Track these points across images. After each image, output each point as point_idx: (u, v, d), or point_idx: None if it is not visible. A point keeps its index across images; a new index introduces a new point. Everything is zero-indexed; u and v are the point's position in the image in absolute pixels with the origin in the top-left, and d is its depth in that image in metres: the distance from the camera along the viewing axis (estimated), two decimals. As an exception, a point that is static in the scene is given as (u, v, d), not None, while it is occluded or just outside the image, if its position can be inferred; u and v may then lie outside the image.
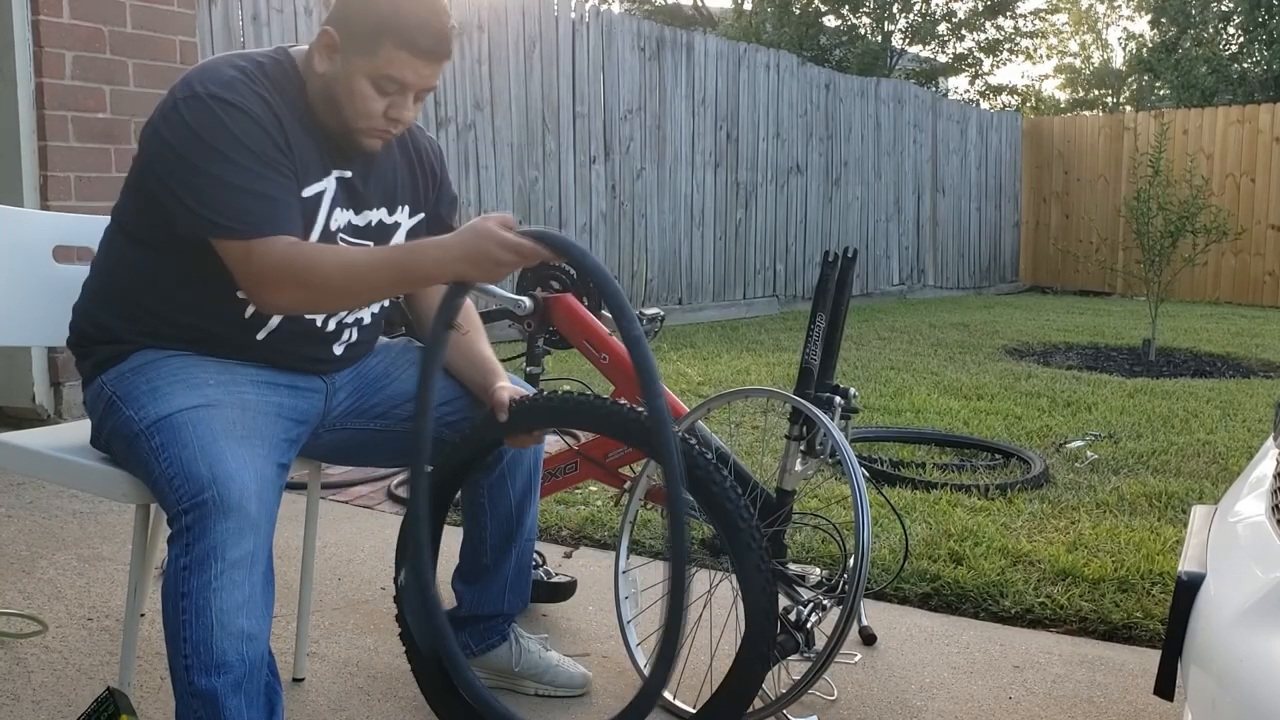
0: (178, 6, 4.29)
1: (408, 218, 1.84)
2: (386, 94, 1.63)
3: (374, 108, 1.63)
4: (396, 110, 1.65)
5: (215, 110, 1.56)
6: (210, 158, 1.55)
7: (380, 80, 1.61)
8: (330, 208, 1.70)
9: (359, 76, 1.61)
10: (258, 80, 1.62)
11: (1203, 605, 1.26)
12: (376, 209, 1.78)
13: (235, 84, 1.59)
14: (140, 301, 1.69)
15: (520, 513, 1.93)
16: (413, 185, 1.85)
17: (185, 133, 1.56)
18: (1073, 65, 22.65)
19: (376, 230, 1.78)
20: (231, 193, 1.56)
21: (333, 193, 1.70)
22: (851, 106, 10.09)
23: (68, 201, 3.96)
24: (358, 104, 1.62)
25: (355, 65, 1.61)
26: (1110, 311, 9.83)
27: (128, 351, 1.68)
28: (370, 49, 1.59)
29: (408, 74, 1.61)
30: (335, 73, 1.62)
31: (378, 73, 1.60)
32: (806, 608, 1.95)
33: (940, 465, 3.74)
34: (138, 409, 1.60)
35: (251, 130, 1.57)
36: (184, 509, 1.47)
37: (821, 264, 2.11)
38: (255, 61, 1.65)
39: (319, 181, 1.68)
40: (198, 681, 1.46)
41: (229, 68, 1.61)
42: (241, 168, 1.56)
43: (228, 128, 1.56)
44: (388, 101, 1.63)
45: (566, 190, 7.35)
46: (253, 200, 1.56)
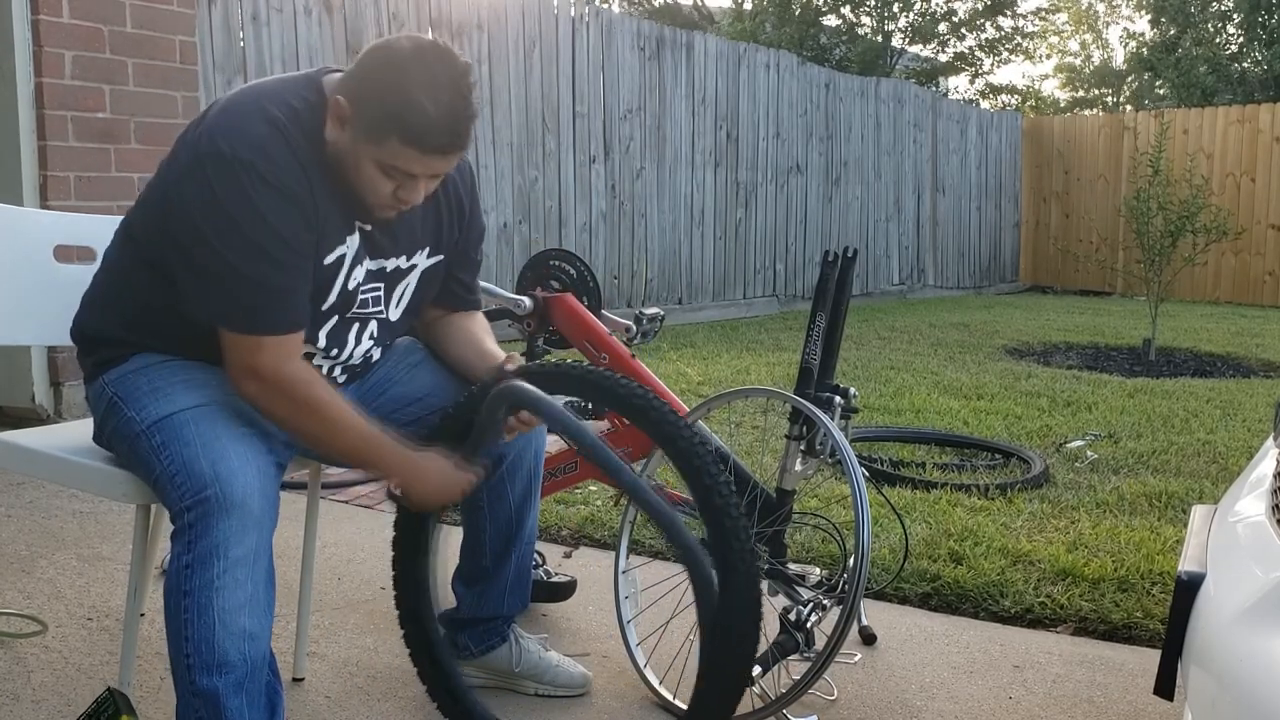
0: (178, 6, 4.28)
1: (425, 258, 1.78)
2: (393, 179, 1.55)
3: (381, 189, 1.56)
4: (405, 193, 1.57)
5: (243, 181, 1.47)
6: (229, 239, 1.48)
7: (386, 168, 1.54)
8: (350, 267, 1.65)
9: (366, 160, 1.53)
10: (292, 136, 1.52)
11: (1203, 605, 1.26)
12: (395, 257, 1.73)
13: (268, 145, 1.49)
14: (146, 308, 1.67)
15: (520, 515, 1.93)
16: (435, 226, 1.77)
17: (209, 202, 1.48)
18: (1073, 65, 22.65)
19: (391, 274, 1.73)
20: (249, 284, 1.50)
21: (354, 250, 1.65)
22: (851, 106, 10.08)
23: (68, 201, 3.96)
24: (364, 184, 1.56)
25: (363, 149, 1.53)
26: (1110, 311, 9.83)
27: (130, 352, 1.68)
28: (377, 138, 1.51)
29: (415, 167, 1.54)
30: (345, 147, 1.54)
31: (384, 161, 1.53)
32: (806, 608, 1.95)
33: (940, 465, 3.74)
34: (139, 409, 1.60)
35: (279, 208, 1.49)
36: (186, 506, 1.47)
37: (821, 264, 2.11)
38: (290, 108, 1.54)
39: (341, 245, 1.62)
40: (199, 681, 1.46)
41: (261, 120, 1.51)
42: (264, 254, 1.49)
43: (254, 207, 1.47)
44: (395, 185, 1.56)
45: (566, 190, 7.35)
46: (269, 294, 1.52)
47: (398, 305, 1.78)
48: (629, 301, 7.88)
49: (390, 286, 1.75)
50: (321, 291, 1.63)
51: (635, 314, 2.44)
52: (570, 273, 2.46)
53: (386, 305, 1.75)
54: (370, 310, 1.73)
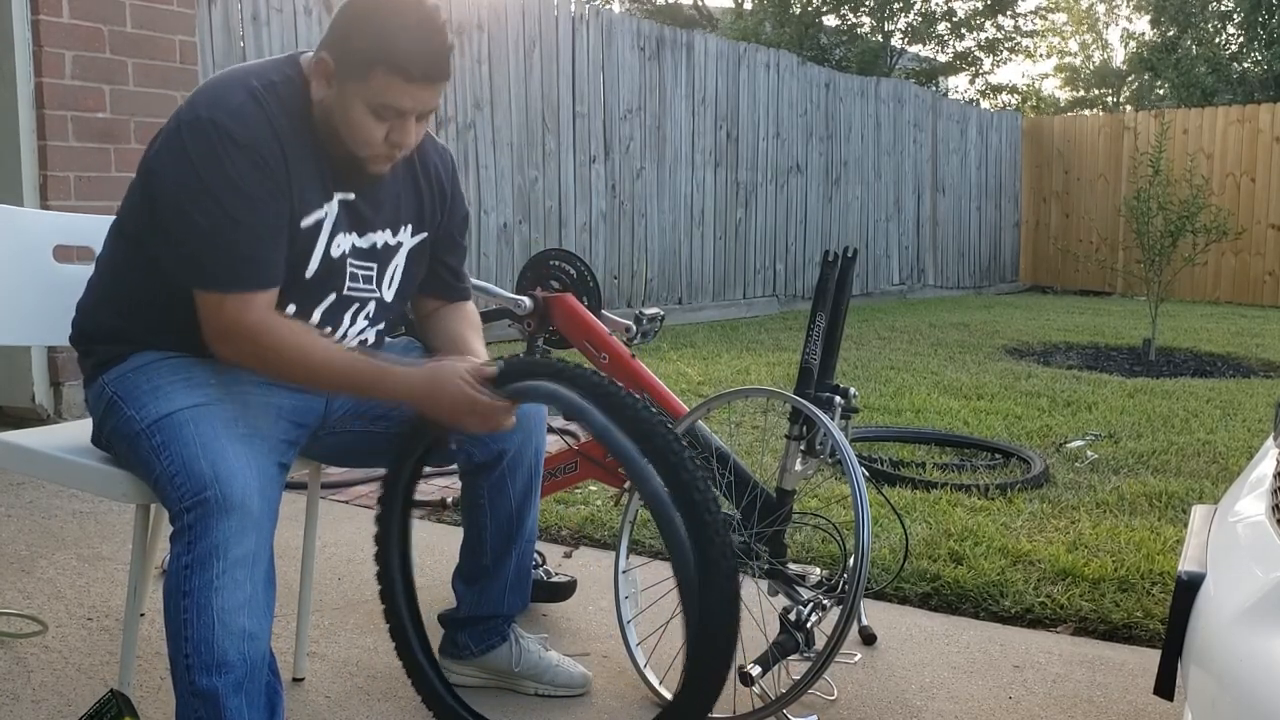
0: (178, 6, 4.28)
1: (410, 236, 1.81)
2: (384, 120, 1.59)
3: (374, 134, 1.60)
4: (398, 135, 1.61)
5: (215, 143, 1.53)
6: (199, 199, 1.54)
7: (376, 108, 1.57)
8: (331, 233, 1.68)
9: (355, 103, 1.57)
10: (268, 104, 1.58)
11: (1203, 605, 1.26)
12: (381, 231, 1.75)
13: (243, 111, 1.55)
14: (143, 304, 1.68)
15: (520, 514, 1.93)
16: (417, 204, 1.81)
17: (183, 163, 1.55)
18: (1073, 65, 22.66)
19: (381, 252, 1.77)
20: (214, 243, 1.55)
21: (334, 218, 1.68)
22: (851, 106, 10.08)
23: (68, 201, 3.96)
24: (357, 132, 1.59)
25: (350, 92, 1.57)
26: (1110, 311, 9.83)
27: (129, 351, 1.68)
28: (362, 76, 1.56)
29: (403, 100, 1.57)
30: (333, 100, 1.59)
31: (373, 100, 1.57)
32: (806, 608, 1.95)
33: (940, 465, 3.74)
34: (139, 408, 1.60)
35: (248, 171, 1.54)
36: (186, 507, 1.47)
37: (821, 263, 2.11)
38: (268, 80, 1.61)
39: (319, 209, 1.65)
40: (199, 681, 1.46)
41: (240, 89, 1.58)
42: (226, 217, 1.54)
43: (223, 166, 1.53)
44: (387, 127, 1.60)
45: (566, 190, 7.35)
46: (233, 254, 1.55)
47: (390, 286, 1.80)
48: (629, 301, 7.88)
49: (382, 266, 1.78)
50: (302, 256, 1.65)
51: (635, 314, 2.44)
52: (570, 273, 2.46)
53: (379, 285, 1.78)
54: (364, 290, 1.75)
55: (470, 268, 6.67)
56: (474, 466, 1.90)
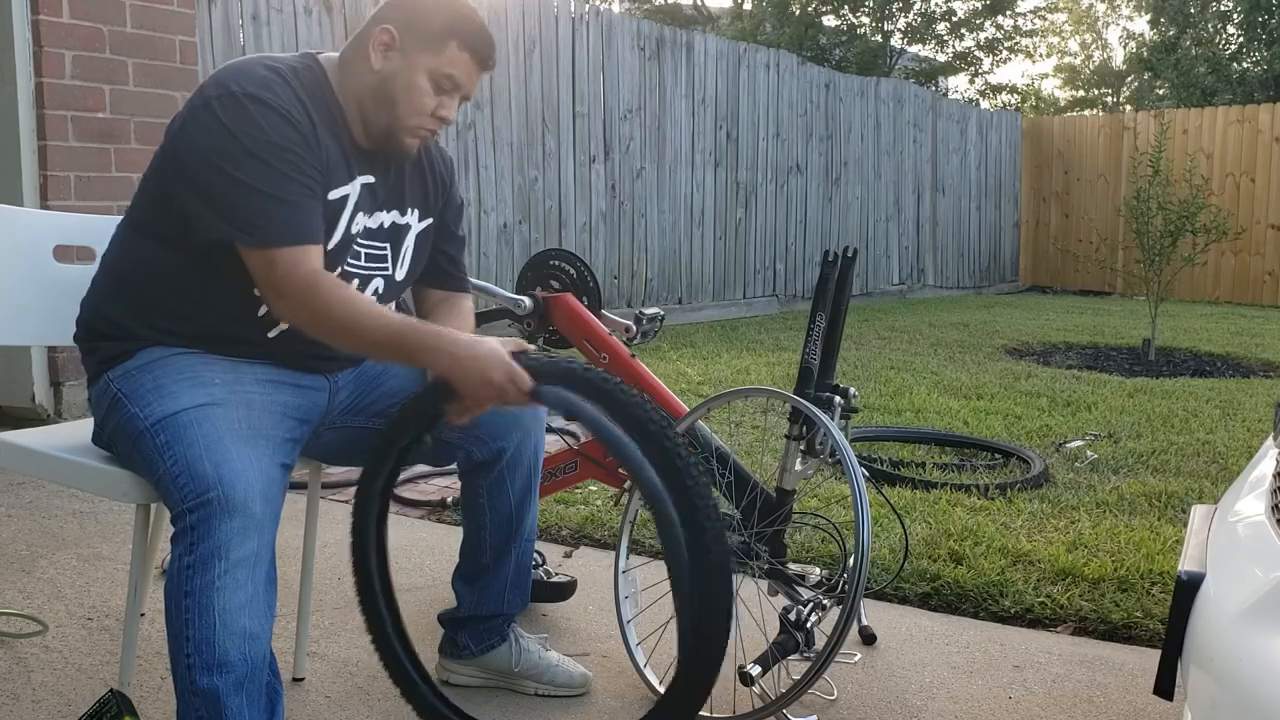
0: (178, 6, 4.29)
1: (417, 220, 1.87)
2: (442, 92, 1.69)
3: (427, 104, 1.69)
4: (444, 109, 1.71)
5: (250, 109, 1.57)
6: (241, 161, 1.56)
7: (440, 78, 1.68)
8: (354, 212, 1.73)
9: (420, 73, 1.67)
10: (291, 81, 1.64)
11: (1203, 605, 1.26)
12: (389, 211, 1.81)
13: (270, 83, 1.61)
14: (153, 297, 1.69)
15: (520, 513, 1.93)
16: (424, 191, 1.87)
17: (218, 132, 1.57)
18: (1072, 65, 22.66)
19: (390, 231, 1.81)
20: (259, 199, 1.57)
21: (356, 197, 1.73)
22: (851, 106, 10.09)
23: (68, 201, 3.96)
24: (413, 99, 1.68)
25: (417, 62, 1.67)
26: (1110, 311, 9.83)
27: (134, 349, 1.68)
28: (436, 47, 1.67)
29: (465, 77, 1.70)
30: (393, 69, 1.67)
31: (439, 70, 1.67)
32: (806, 608, 1.95)
33: (940, 465, 3.74)
34: (143, 407, 1.60)
35: (285, 131, 1.59)
36: (189, 508, 1.47)
37: (821, 263, 2.11)
38: (287, 65, 1.67)
39: (344, 185, 1.71)
40: (199, 680, 1.46)
41: (262, 68, 1.63)
42: (272, 172, 1.57)
43: (262, 128, 1.57)
44: (439, 101, 1.70)
45: (566, 190, 7.35)
46: (280, 208, 1.58)
47: (402, 266, 1.85)
48: (629, 301, 7.88)
49: (395, 246, 1.82)
50: (329, 227, 1.69)
51: (635, 314, 2.44)
52: (570, 273, 2.46)
53: (393, 264, 1.82)
54: (375, 268, 1.79)
55: (470, 268, 6.66)
56: (473, 465, 1.90)
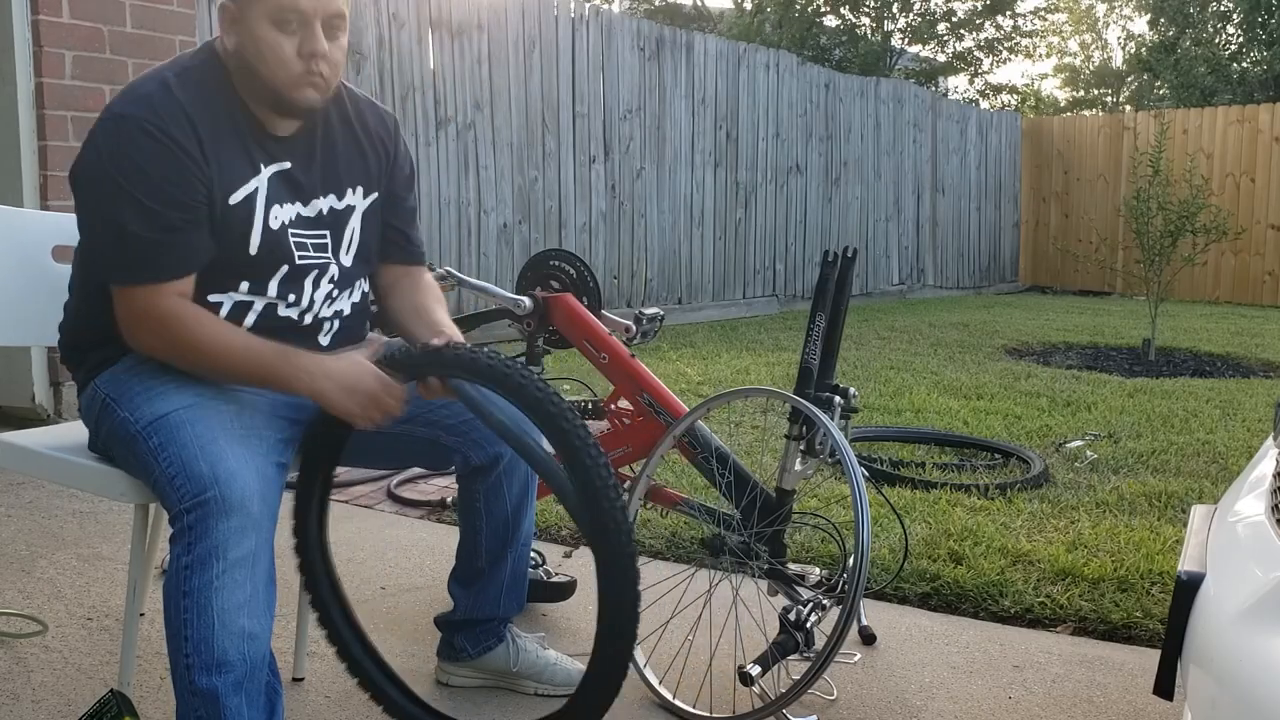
0: (177, 6, 4.29)
1: (362, 199, 1.80)
2: (292, 33, 1.58)
3: (286, 50, 1.58)
4: (309, 45, 1.59)
5: (124, 134, 1.55)
6: (109, 191, 1.56)
7: (278, 20, 1.57)
8: (267, 205, 1.67)
9: (260, 24, 1.57)
10: (180, 89, 1.59)
11: (1203, 605, 1.26)
12: (324, 196, 1.75)
13: (151, 99, 1.57)
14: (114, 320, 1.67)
15: (516, 518, 1.93)
16: (363, 165, 1.80)
17: (96, 158, 1.57)
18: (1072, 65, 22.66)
19: (330, 218, 1.75)
20: (123, 234, 1.56)
21: (266, 190, 1.67)
22: (851, 106, 10.09)
23: (67, 201, 3.92)
24: (269, 56, 1.58)
25: (252, 16, 1.57)
26: (1110, 311, 9.83)
27: (118, 354, 1.68)
28: None
29: (301, 1, 1.56)
30: (242, 39, 1.59)
31: (273, 12, 1.56)
32: (806, 608, 1.95)
33: (940, 465, 3.74)
34: (133, 410, 1.60)
35: (156, 156, 1.55)
36: (186, 508, 1.47)
37: (821, 263, 2.11)
38: (182, 67, 1.63)
39: (247, 183, 1.65)
40: (199, 680, 1.46)
41: (152, 82, 1.60)
42: (137, 204, 1.55)
43: (131, 155, 1.55)
44: (297, 40, 1.58)
45: (566, 190, 7.35)
46: (141, 243, 1.56)
47: (348, 251, 1.79)
48: (629, 301, 7.88)
49: (337, 231, 1.76)
50: (241, 234, 1.64)
51: (635, 314, 2.43)
52: (570, 273, 2.46)
53: (336, 252, 1.76)
54: (319, 257, 1.74)
55: (470, 268, 6.68)
56: (470, 470, 1.90)
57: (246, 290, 1.67)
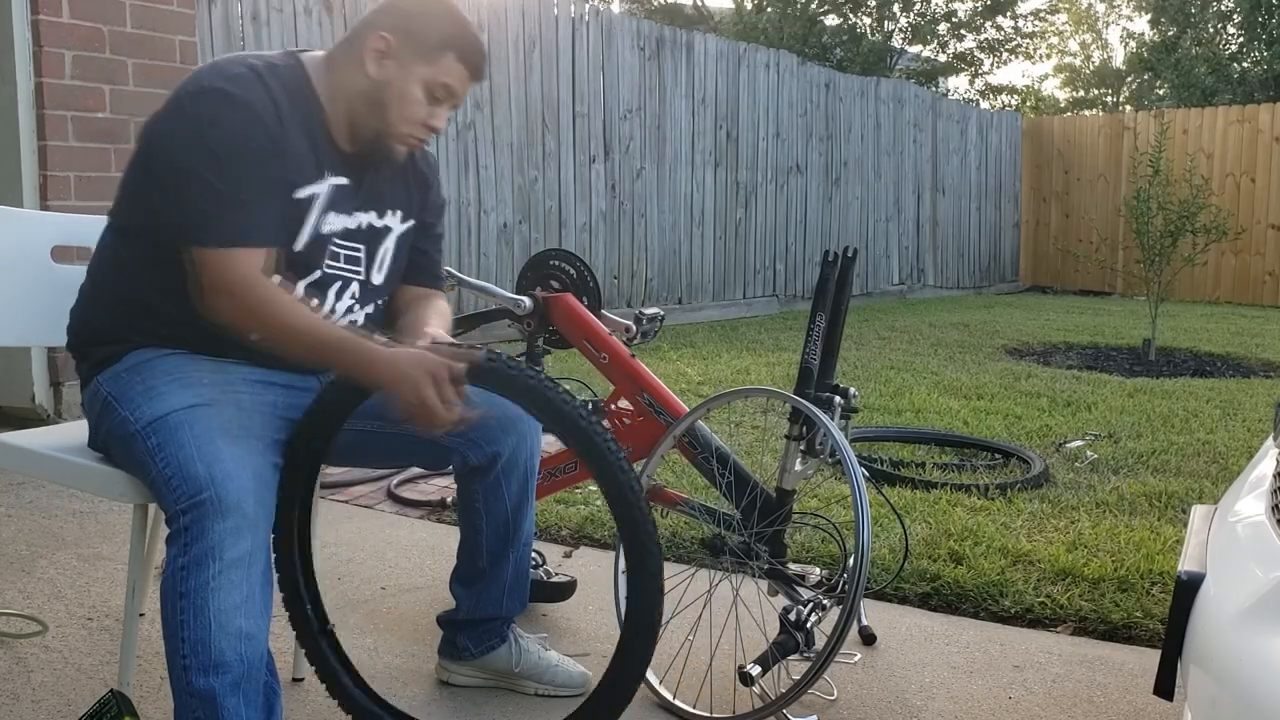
0: (177, 6, 4.28)
1: (399, 223, 1.87)
2: (435, 102, 1.71)
3: (419, 113, 1.70)
4: (435, 119, 1.73)
5: (216, 104, 1.58)
6: (197, 157, 1.58)
7: (434, 88, 1.70)
8: (322, 211, 1.72)
9: (414, 82, 1.69)
10: (267, 78, 1.64)
11: (1203, 605, 1.26)
12: (366, 212, 1.80)
13: (242, 79, 1.62)
14: (135, 300, 1.69)
15: (516, 516, 1.93)
16: (405, 192, 1.87)
17: (183, 126, 1.60)
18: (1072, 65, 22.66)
19: (367, 233, 1.80)
20: (207, 198, 1.57)
21: (325, 197, 1.72)
22: (851, 106, 10.09)
23: (67, 201, 3.96)
24: (406, 108, 1.69)
25: (413, 71, 1.68)
26: (1110, 311, 9.83)
27: (122, 352, 1.69)
28: (433, 58, 1.68)
29: (457, 86, 1.72)
30: (388, 77, 1.68)
31: (434, 80, 1.69)
32: (806, 608, 1.94)
33: (940, 465, 3.73)
34: (133, 409, 1.60)
35: (247, 129, 1.59)
36: (182, 509, 1.47)
37: (821, 263, 2.11)
38: (267, 61, 1.68)
39: (312, 185, 1.70)
40: (196, 681, 1.46)
41: (239, 65, 1.64)
42: (224, 172, 1.57)
43: (221, 125, 1.58)
44: (431, 110, 1.71)
45: (566, 190, 7.35)
46: (225, 208, 1.58)
47: (380, 269, 1.84)
48: (629, 301, 7.88)
49: (371, 248, 1.81)
50: (295, 228, 1.68)
51: (635, 314, 2.43)
52: (570, 273, 2.46)
53: (368, 268, 1.81)
54: (349, 270, 1.78)
55: (470, 268, 6.68)
56: (468, 470, 1.90)
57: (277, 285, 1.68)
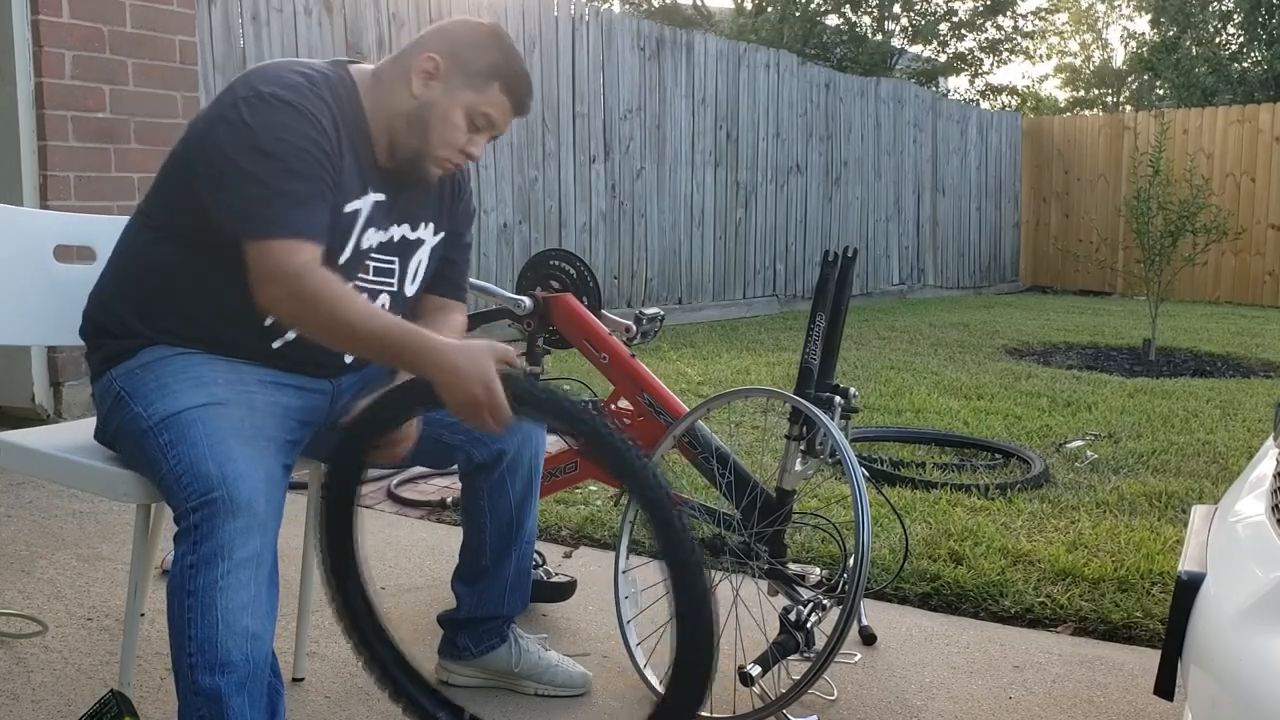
0: (177, 6, 4.29)
1: (432, 235, 1.87)
2: (475, 129, 1.72)
3: (459, 138, 1.71)
4: (473, 146, 1.73)
5: (276, 110, 1.58)
6: (256, 156, 1.57)
7: (476, 115, 1.70)
8: (364, 227, 1.72)
9: (458, 107, 1.69)
10: (321, 88, 1.65)
11: (1203, 605, 1.26)
12: (400, 225, 1.80)
13: (299, 87, 1.62)
14: (162, 297, 1.69)
15: (520, 514, 1.93)
16: (438, 203, 1.87)
17: (242, 130, 1.58)
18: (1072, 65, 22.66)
19: (400, 245, 1.81)
20: (267, 192, 1.57)
21: (368, 213, 1.72)
22: (851, 106, 10.09)
23: (67, 201, 3.96)
24: (447, 132, 1.70)
25: (458, 96, 1.69)
26: (1110, 311, 9.83)
27: (137, 347, 1.68)
28: (479, 85, 1.69)
29: (500, 117, 1.72)
30: (433, 98, 1.69)
31: (478, 108, 1.70)
32: (806, 608, 1.95)
33: (940, 465, 3.74)
34: (146, 405, 1.60)
35: (307, 132, 1.59)
36: (192, 507, 1.47)
37: (821, 263, 2.11)
38: (318, 70, 1.68)
39: (357, 199, 1.70)
40: (201, 680, 1.46)
41: (292, 72, 1.64)
42: (284, 168, 1.57)
43: (285, 127, 1.58)
44: (470, 137, 1.72)
45: (566, 190, 7.35)
46: (285, 202, 1.57)
47: (413, 281, 1.84)
48: (629, 301, 7.88)
49: (405, 260, 1.82)
50: (338, 241, 1.68)
51: (635, 314, 2.44)
52: (570, 273, 2.46)
53: (401, 279, 1.82)
54: (382, 282, 1.79)
55: (470, 268, 6.68)
56: (473, 467, 1.90)
57: None
